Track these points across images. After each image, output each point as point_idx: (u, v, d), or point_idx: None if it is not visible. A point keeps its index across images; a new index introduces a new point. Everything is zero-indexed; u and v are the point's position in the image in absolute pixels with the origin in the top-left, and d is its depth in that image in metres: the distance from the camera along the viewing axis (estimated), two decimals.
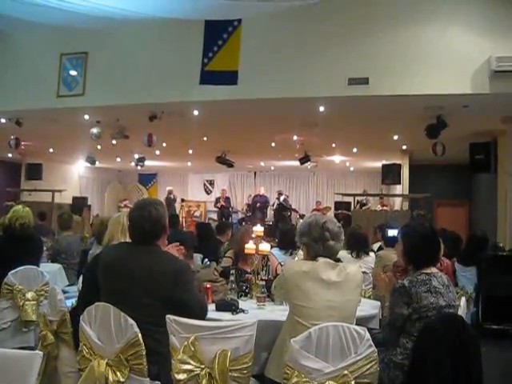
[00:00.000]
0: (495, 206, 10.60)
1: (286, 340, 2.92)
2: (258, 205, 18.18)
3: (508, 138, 9.89)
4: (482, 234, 8.07)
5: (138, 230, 3.15)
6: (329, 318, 2.87)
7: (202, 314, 3.11)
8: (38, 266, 5.32)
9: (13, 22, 8.47)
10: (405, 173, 14.31)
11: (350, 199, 15.08)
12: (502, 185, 10.24)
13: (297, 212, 18.65)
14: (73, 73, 9.60)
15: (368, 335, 2.70)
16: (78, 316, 3.09)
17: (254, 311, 3.66)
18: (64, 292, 3.72)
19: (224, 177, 21.48)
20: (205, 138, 13.01)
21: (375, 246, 8.24)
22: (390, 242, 6.39)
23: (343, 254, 6.74)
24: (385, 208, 15.06)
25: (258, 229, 4.67)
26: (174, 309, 2.95)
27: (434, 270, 3.31)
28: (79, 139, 13.17)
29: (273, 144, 13.39)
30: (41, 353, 2.04)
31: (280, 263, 4.73)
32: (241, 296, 4.15)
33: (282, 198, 18.20)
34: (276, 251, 6.61)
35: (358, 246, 6.84)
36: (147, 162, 15.75)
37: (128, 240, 3.41)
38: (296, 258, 5.76)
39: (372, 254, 7.16)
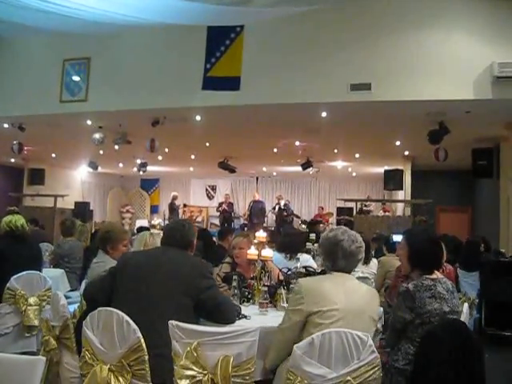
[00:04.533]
0: (497, 212, 10.59)
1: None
2: (252, 210, 18.17)
3: (510, 144, 9.89)
4: (476, 239, 8.10)
5: (170, 237, 3.54)
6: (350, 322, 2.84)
7: (233, 316, 3.37)
8: (41, 270, 5.33)
9: (16, 27, 8.51)
10: (407, 178, 14.30)
11: (352, 205, 15.07)
12: (505, 190, 10.24)
13: (299, 217, 18.66)
14: (75, 78, 9.63)
15: (371, 341, 2.69)
16: None
17: (257, 317, 3.64)
18: (66, 297, 3.71)
19: (226, 182, 21.49)
20: (207, 144, 13.03)
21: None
22: (393, 248, 6.39)
23: None
24: (387, 214, 15.06)
25: (261, 234, 4.66)
26: (203, 306, 3.17)
27: (439, 275, 3.31)
28: (82, 144, 13.19)
29: (275, 149, 13.40)
30: (44, 358, 2.05)
31: (281, 270, 4.72)
32: (243, 302, 4.14)
33: (282, 203, 18.21)
34: (275, 254, 6.55)
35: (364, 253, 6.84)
36: (149, 168, 15.75)
37: None
38: (298, 264, 5.73)
39: (374, 260, 7.17)
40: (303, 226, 16.96)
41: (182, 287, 3.13)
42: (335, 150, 13.73)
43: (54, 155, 15.85)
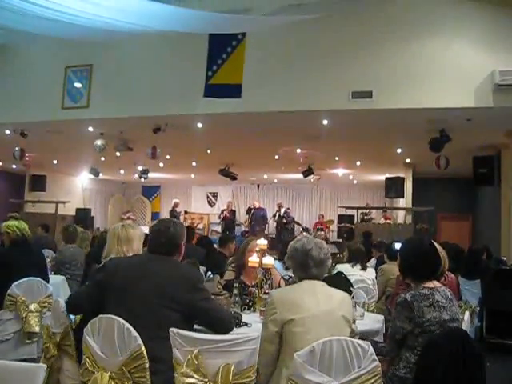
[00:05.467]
0: (499, 220, 10.59)
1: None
2: (254, 218, 18.15)
3: (511, 152, 9.89)
4: (479, 247, 8.10)
5: (155, 242, 3.33)
6: (322, 329, 2.86)
7: (230, 324, 3.27)
8: (47, 276, 5.37)
9: (18, 34, 8.54)
10: (408, 186, 14.30)
11: (354, 212, 15.06)
12: (506, 198, 10.24)
13: (300, 225, 18.65)
14: (77, 85, 9.67)
15: (372, 349, 2.68)
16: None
17: (258, 325, 3.63)
18: None
19: (227, 189, 21.48)
20: (208, 151, 13.04)
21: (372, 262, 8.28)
22: (394, 256, 6.39)
23: (346, 267, 6.72)
24: (388, 221, 15.04)
25: (262, 242, 4.66)
26: (197, 318, 3.13)
27: (436, 284, 3.30)
28: (83, 151, 13.22)
29: (276, 157, 13.42)
30: (45, 365, 2.05)
31: (283, 277, 4.72)
32: (244, 309, 4.14)
33: (282, 211, 18.20)
34: (276, 263, 6.58)
35: (361, 259, 6.89)
36: (151, 174, 15.78)
37: (125, 250, 3.73)
38: None
39: (370, 269, 7.17)
40: (304, 233, 16.96)
41: (169, 302, 3.02)
42: (336, 158, 13.75)
43: (55, 161, 15.87)
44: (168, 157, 13.47)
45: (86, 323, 3.05)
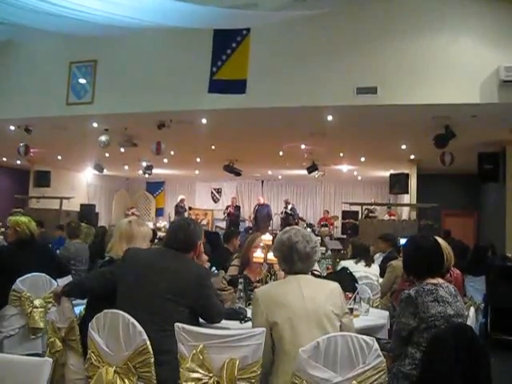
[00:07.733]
0: (503, 216, 10.56)
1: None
2: (258, 214, 18.14)
3: None
4: (485, 245, 8.08)
5: (173, 237, 3.39)
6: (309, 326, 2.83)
7: (218, 319, 3.35)
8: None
9: (22, 30, 8.55)
10: (412, 182, 14.26)
11: (358, 208, 15.03)
12: (511, 195, 10.20)
13: (304, 221, 18.64)
14: (82, 81, 9.68)
15: (376, 345, 2.68)
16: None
17: None
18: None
19: (231, 185, 21.46)
20: (213, 147, 13.04)
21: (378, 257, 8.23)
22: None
23: (349, 263, 6.70)
24: (392, 217, 15.03)
25: (267, 238, 4.65)
26: (196, 311, 3.19)
27: (440, 280, 3.30)
28: (87, 147, 13.23)
29: (281, 153, 13.40)
30: (50, 359, 2.05)
31: None
32: (249, 305, 4.13)
33: (289, 207, 18.21)
34: None
35: (365, 256, 6.86)
36: (155, 170, 15.78)
37: (124, 247, 3.66)
38: None
39: (375, 266, 7.13)
40: (308, 229, 16.96)
41: (179, 297, 3.07)
42: (341, 154, 13.73)
43: (59, 157, 15.90)
44: (172, 153, 13.47)
45: (91, 318, 3.06)
